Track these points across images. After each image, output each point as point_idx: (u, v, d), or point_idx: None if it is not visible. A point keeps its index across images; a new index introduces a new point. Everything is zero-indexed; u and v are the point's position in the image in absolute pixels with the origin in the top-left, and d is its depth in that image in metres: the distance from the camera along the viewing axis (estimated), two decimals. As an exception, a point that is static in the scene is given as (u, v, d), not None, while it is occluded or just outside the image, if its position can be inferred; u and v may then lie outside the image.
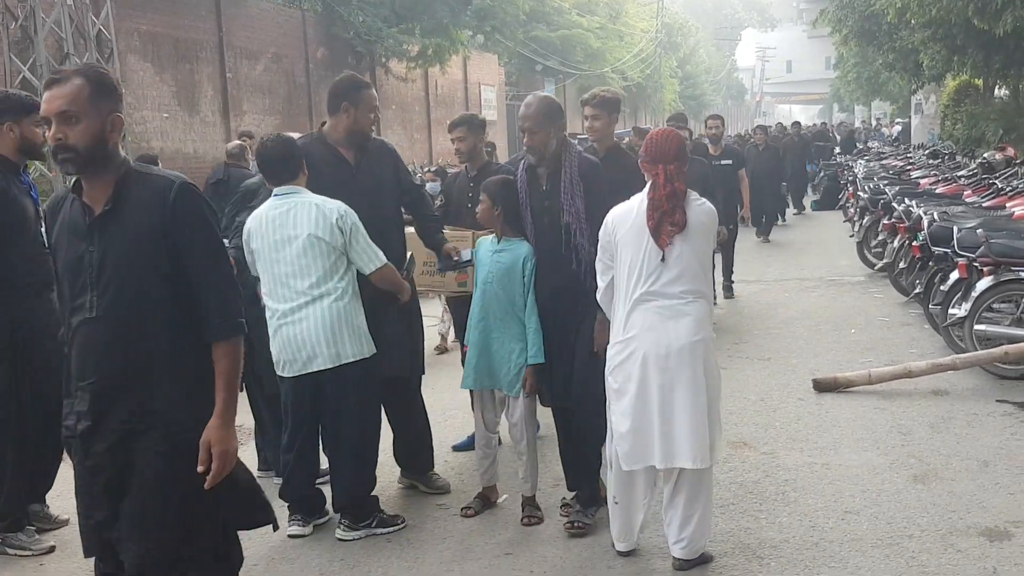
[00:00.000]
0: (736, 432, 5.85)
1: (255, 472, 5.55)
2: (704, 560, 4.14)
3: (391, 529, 4.70)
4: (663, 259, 3.98)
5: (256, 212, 4.67)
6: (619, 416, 4.10)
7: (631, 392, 4.04)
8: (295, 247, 4.47)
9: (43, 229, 4.61)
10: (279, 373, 4.65)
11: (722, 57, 79.28)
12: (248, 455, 5.94)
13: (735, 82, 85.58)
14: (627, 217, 4.11)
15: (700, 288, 4.06)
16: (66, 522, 4.87)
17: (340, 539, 4.61)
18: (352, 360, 4.52)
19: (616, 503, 4.22)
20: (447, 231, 5.43)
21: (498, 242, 4.69)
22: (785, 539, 4.38)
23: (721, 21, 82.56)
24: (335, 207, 4.51)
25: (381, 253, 4.61)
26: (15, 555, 4.61)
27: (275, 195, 4.60)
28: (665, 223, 3.99)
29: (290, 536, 4.65)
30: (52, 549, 4.65)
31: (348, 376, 4.52)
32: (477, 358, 4.68)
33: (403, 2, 22.75)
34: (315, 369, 4.50)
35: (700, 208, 4.09)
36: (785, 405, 6.51)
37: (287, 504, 4.75)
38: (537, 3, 31.68)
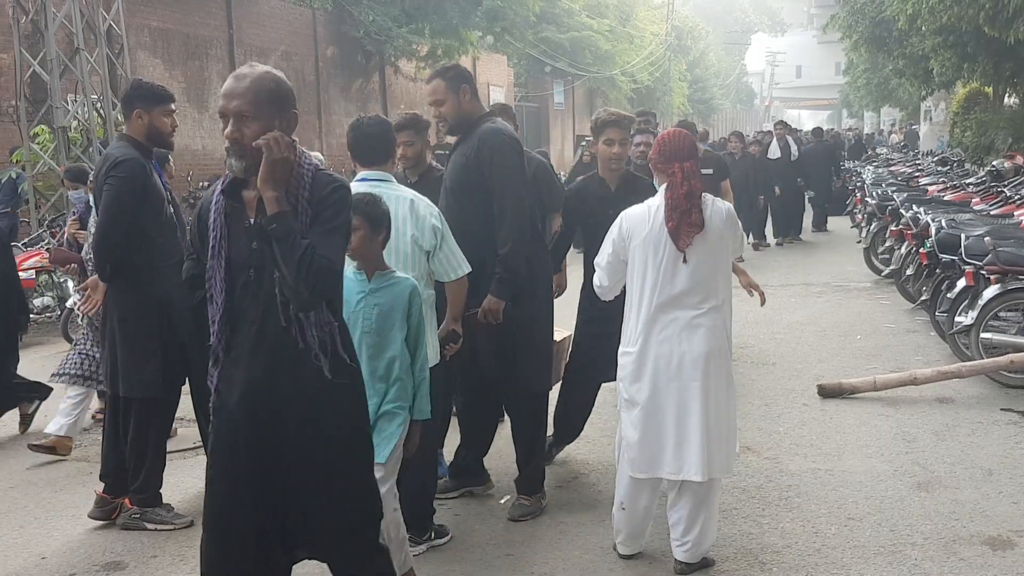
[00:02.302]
0: (740, 437, 5.80)
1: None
2: (705, 564, 4.13)
3: (446, 539, 4.50)
4: (685, 260, 3.93)
5: None
6: (628, 425, 4.08)
7: (642, 403, 4.02)
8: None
9: (172, 211, 4.84)
10: None
11: (732, 61, 79.13)
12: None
13: (744, 86, 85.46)
14: (642, 224, 4.03)
15: (717, 296, 4.01)
16: (191, 523, 4.81)
17: None
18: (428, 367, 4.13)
19: (623, 508, 4.21)
20: None
21: (368, 278, 3.65)
22: (787, 545, 4.37)
23: (731, 25, 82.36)
24: (429, 207, 4.15)
25: (465, 259, 4.22)
26: (155, 529, 4.74)
27: (362, 179, 4.19)
28: (684, 224, 3.93)
29: None
30: (191, 524, 4.73)
31: None
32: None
33: (413, 2, 22.78)
34: None
35: (715, 210, 4.02)
36: (789, 410, 6.50)
37: None
38: (547, 5, 31.65)
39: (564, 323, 5.33)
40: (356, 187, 4.16)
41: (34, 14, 12.77)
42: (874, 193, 12.99)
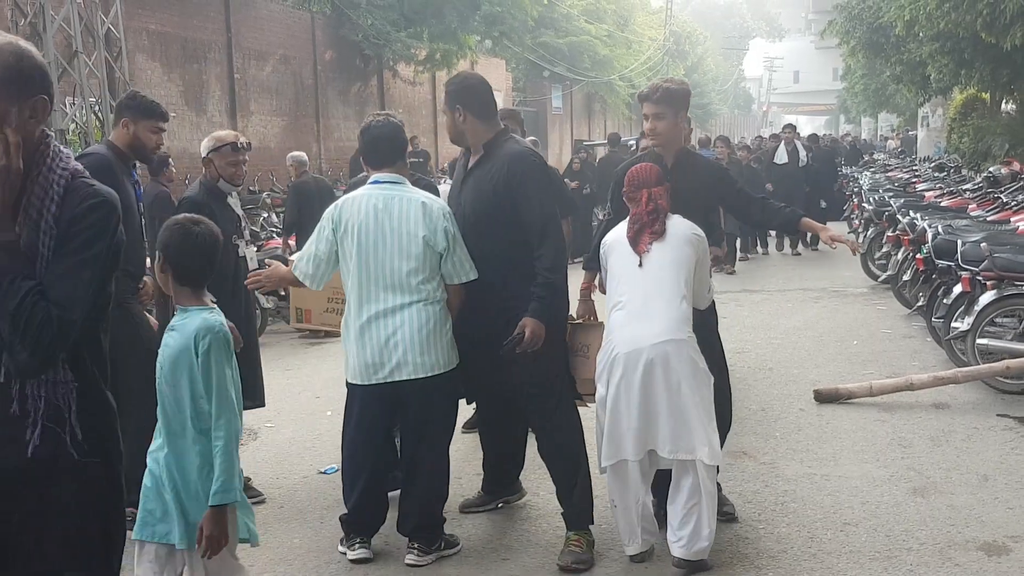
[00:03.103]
0: (736, 442, 5.84)
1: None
2: (703, 568, 4.13)
3: (455, 550, 4.41)
4: (640, 264, 4.13)
5: (352, 197, 4.21)
6: (600, 414, 4.21)
7: (611, 389, 4.12)
8: (397, 244, 4.09)
9: (144, 221, 4.82)
10: (353, 381, 4.22)
11: (729, 66, 79.26)
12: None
13: (742, 92, 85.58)
14: (619, 232, 4.30)
15: (677, 296, 4.11)
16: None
17: (412, 565, 4.25)
18: (444, 371, 4.19)
19: (615, 506, 4.24)
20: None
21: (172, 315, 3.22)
22: (783, 550, 4.38)
23: (729, 30, 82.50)
24: (442, 208, 4.17)
25: (474, 266, 4.25)
26: None
27: (374, 182, 4.22)
28: (645, 232, 4.16)
29: (355, 562, 4.32)
30: None
31: (436, 388, 4.17)
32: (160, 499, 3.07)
33: (412, 6, 22.81)
34: (403, 378, 4.11)
35: (686, 224, 4.23)
36: (786, 415, 6.51)
37: (347, 527, 4.40)
38: (546, 9, 31.69)
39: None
40: (368, 191, 4.22)
41: (32, 16, 12.77)
42: (871, 199, 13.00)
